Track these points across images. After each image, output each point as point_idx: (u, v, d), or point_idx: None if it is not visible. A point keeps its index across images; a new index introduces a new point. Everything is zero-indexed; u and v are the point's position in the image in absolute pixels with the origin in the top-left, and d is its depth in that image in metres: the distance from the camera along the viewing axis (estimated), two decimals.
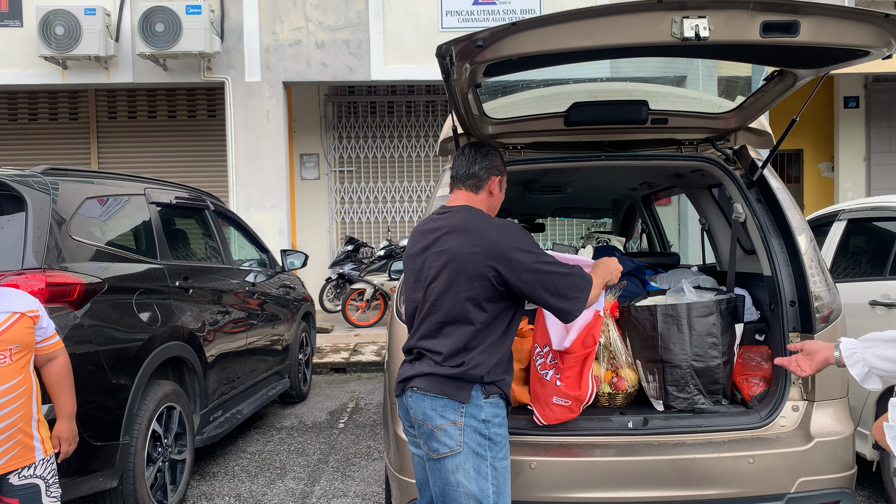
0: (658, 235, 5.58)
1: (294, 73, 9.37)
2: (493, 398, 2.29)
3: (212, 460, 4.72)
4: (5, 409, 2.42)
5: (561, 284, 2.27)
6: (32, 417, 2.52)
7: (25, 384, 2.50)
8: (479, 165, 2.45)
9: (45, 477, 2.54)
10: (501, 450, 2.28)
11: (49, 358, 2.64)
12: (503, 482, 2.26)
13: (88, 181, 3.75)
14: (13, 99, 10.99)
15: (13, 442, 2.45)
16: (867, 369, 1.97)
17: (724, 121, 3.28)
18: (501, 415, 2.31)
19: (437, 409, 2.25)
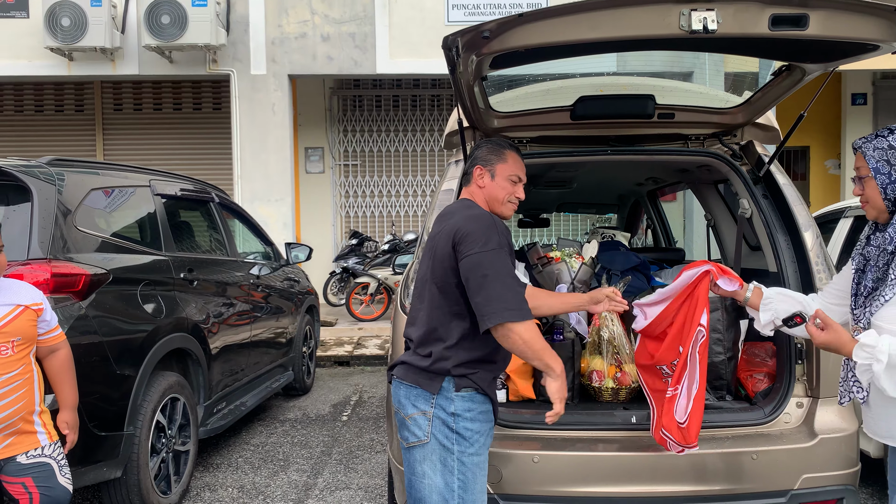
0: (663, 231, 5.57)
1: (300, 66, 9.36)
2: (465, 391, 2.22)
3: (215, 452, 4.74)
4: (8, 397, 2.44)
5: (490, 289, 2.11)
6: (35, 407, 2.54)
7: (27, 374, 2.52)
8: (469, 159, 2.45)
9: (55, 458, 2.56)
10: (472, 445, 2.22)
11: (51, 350, 2.66)
12: (472, 478, 2.21)
13: (94, 172, 3.75)
14: (19, 90, 11.00)
15: (13, 430, 2.48)
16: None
17: (730, 116, 3.26)
18: (476, 409, 2.24)
19: (410, 398, 2.25)
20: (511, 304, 2.10)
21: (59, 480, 2.55)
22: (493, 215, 2.28)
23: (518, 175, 2.38)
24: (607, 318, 3.11)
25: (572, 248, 3.50)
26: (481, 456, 2.24)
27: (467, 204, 2.33)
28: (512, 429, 2.81)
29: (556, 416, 2.21)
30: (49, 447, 2.57)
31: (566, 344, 3.05)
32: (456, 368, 2.21)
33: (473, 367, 2.23)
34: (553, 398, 2.19)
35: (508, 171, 2.36)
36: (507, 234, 2.25)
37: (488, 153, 2.39)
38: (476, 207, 2.30)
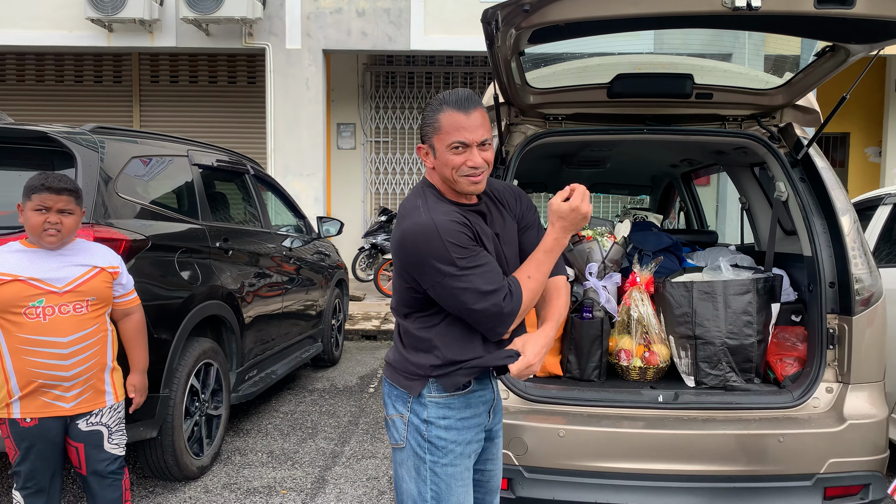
0: (696, 214, 5.52)
1: (334, 41, 9.38)
2: (439, 397, 1.97)
3: (246, 418, 4.85)
4: (81, 355, 2.57)
5: (472, 315, 1.90)
6: (106, 365, 2.67)
7: (100, 333, 2.65)
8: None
9: (108, 425, 2.68)
10: (446, 455, 1.98)
11: (126, 313, 2.80)
12: (446, 489, 1.98)
13: (134, 141, 3.83)
14: (60, 61, 11.20)
15: (87, 386, 2.61)
16: None
17: (770, 97, 3.22)
18: (454, 417, 1.98)
19: (392, 397, 2.06)
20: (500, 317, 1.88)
21: (105, 447, 2.67)
22: (435, 228, 1.85)
23: (459, 140, 1.85)
24: (637, 297, 3.12)
25: (605, 227, 3.50)
26: (457, 466, 1.99)
27: (413, 203, 1.93)
28: (538, 403, 2.85)
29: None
30: (108, 412, 2.68)
31: (595, 322, 3.06)
32: (432, 369, 1.96)
33: (448, 368, 1.95)
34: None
35: (447, 140, 1.87)
36: (451, 233, 1.84)
37: (424, 125, 1.94)
38: (414, 212, 1.91)
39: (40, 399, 2.53)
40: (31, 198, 2.52)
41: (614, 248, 3.28)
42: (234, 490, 3.69)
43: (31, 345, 2.50)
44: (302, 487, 3.73)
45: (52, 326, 2.51)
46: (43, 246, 2.56)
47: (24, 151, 3.37)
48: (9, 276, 2.49)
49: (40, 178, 2.55)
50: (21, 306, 2.48)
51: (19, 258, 2.54)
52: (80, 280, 2.59)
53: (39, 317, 2.50)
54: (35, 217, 2.51)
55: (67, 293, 2.55)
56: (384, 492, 3.69)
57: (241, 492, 3.67)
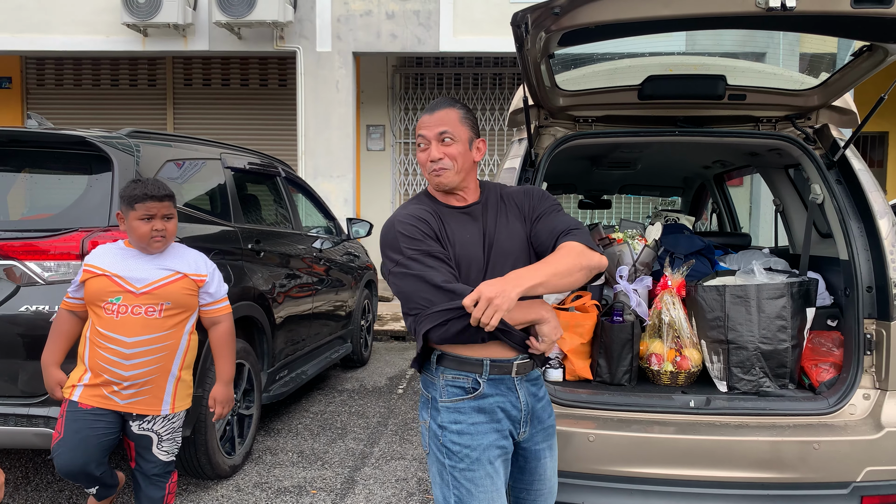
0: (729, 216, 5.44)
1: (364, 43, 9.44)
2: (453, 402, 1.97)
3: (276, 418, 4.91)
4: (142, 358, 2.61)
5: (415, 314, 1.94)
6: (170, 373, 2.69)
7: (171, 340, 2.67)
8: None
9: (159, 432, 2.71)
10: (462, 460, 1.95)
11: (213, 322, 2.82)
12: (467, 495, 1.94)
13: (169, 144, 3.90)
14: (97, 65, 11.44)
15: (143, 389, 2.64)
16: None
17: (805, 98, 3.17)
18: (465, 422, 1.96)
19: (421, 403, 2.09)
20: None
21: (154, 451, 2.72)
22: (393, 221, 1.99)
23: (420, 135, 2.02)
24: (669, 301, 3.09)
25: (635, 229, 3.47)
26: (475, 472, 1.95)
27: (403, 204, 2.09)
28: (568, 407, 2.83)
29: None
30: (161, 420, 2.70)
31: (625, 326, 3.04)
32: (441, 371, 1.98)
33: (458, 369, 1.97)
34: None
35: (418, 141, 2.05)
36: (404, 225, 1.94)
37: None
38: (400, 209, 2.05)
39: (101, 390, 2.62)
40: (134, 207, 2.60)
41: (645, 250, 3.25)
42: (266, 489, 3.73)
43: (102, 338, 2.61)
44: (332, 488, 3.76)
45: (120, 325, 2.59)
46: (148, 251, 2.65)
47: (64, 155, 3.46)
48: (99, 270, 2.62)
49: (140, 186, 2.62)
50: (103, 300, 2.60)
51: (115, 255, 2.66)
52: (158, 284, 2.63)
53: (114, 314, 2.60)
54: (142, 226, 2.60)
55: (143, 295, 2.61)
56: (413, 493, 3.70)
57: (271, 491, 3.71)
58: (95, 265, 2.64)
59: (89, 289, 2.63)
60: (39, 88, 11.59)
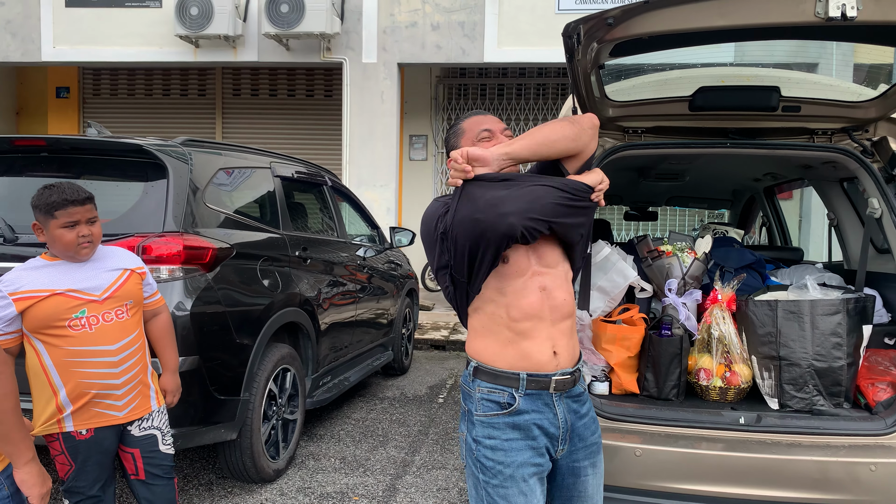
0: (780, 229, 5.33)
1: (409, 54, 9.53)
2: (487, 417, 1.93)
3: (319, 423, 4.96)
4: (129, 361, 2.53)
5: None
6: (147, 368, 2.65)
7: (142, 338, 2.62)
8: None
9: (160, 427, 2.67)
10: (495, 476, 1.91)
11: (154, 313, 2.75)
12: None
13: (221, 153, 3.99)
14: (150, 75, 11.78)
15: (136, 392, 2.57)
16: None
17: (863, 110, 3.09)
18: (498, 437, 1.91)
19: (461, 413, 2.07)
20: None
21: (161, 448, 2.67)
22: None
23: (484, 127, 2.06)
24: (719, 315, 3.04)
25: (685, 242, 3.42)
26: (508, 489, 1.90)
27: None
28: (614, 421, 2.80)
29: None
30: (157, 415, 2.67)
31: (674, 340, 2.99)
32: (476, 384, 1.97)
33: (493, 382, 1.94)
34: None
35: (471, 135, 2.08)
36: (427, 221, 2.06)
37: (449, 140, 2.16)
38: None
39: (93, 410, 2.48)
40: (54, 215, 2.39)
41: (695, 264, 3.20)
42: (308, 494, 3.77)
43: (80, 356, 2.44)
44: (374, 495, 3.78)
45: (99, 336, 2.46)
46: (76, 259, 2.48)
47: (121, 163, 3.56)
48: (46, 292, 2.39)
49: (56, 192, 2.40)
50: (64, 319, 2.40)
51: (48, 272, 2.44)
52: (115, 285, 2.54)
53: (85, 327, 2.44)
54: (66, 234, 2.40)
55: (107, 300, 2.50)
56: (454, 503, 3.69)
57: (314, 496, 3.75)
58: (31, 289, 2.38)
59: (37, 314, 2.37)
60: (95, 98, 11.98)
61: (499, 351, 1.92)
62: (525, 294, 1.91)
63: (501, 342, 1.92)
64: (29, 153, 3.59)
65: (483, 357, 1.93)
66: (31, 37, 9.84)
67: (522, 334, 1.91)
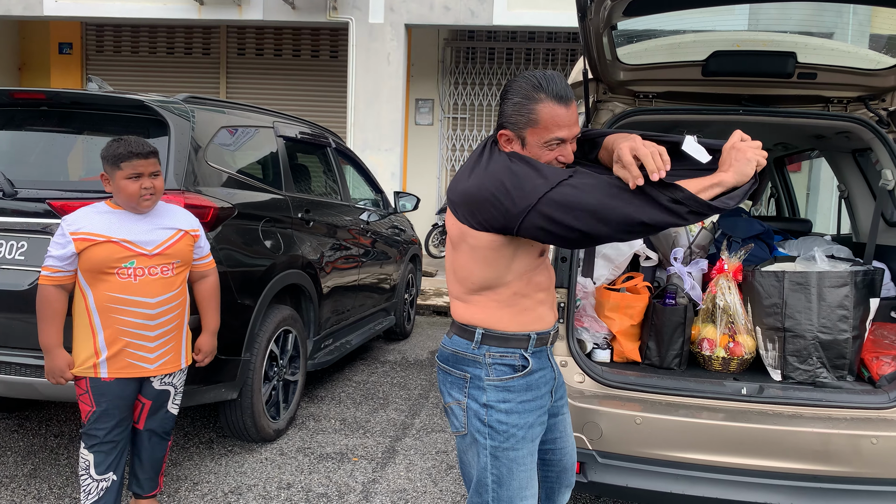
0: (789, 201, 5.27)
1: (417, 15, 9.36)
2: (502, 381, 1.93)
3: (320, 385, 4.98)
4: (165, 316, 2.66)
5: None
6: (183, 328, 2.76)
7: (182, 296, 2.73)
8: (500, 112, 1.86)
9: (176, 385, 2.78)
10: (508, 440, 1.92)
11: (202, 275, 2.87)
12: (507, 474, 1.93)
13: (223, 111, 3.93)
14: (153, 33, 11.62)
15: (170, 347, 2.70)
16: None
17: (881, 78, 3.01)
18: (514, 400, 1.93)
19: (446, 384, 2.04)
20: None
21: (168, 407, 2.78)
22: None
23: (558, 137, 1.75)
24: (724, 285, 3.00)
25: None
26: (519, 451, 1.94)
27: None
28: (615, 389, 2.79)
29: None
30: (180, 373, 2.79)
31: (678, 309, 2.97)
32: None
33: (504, 346, 1.93)
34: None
35: (545, 136, 1.76)
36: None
37: (514, 112, 1.78)
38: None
39: (125, 360, 2.60)
40: (120, 167, 2.53)
41: (702, 233, 3.16)
42: (308, 454, 3.79)
43: (120, 303, 2.57)
44: (373, 456, 3.80)
45: (141, 287, 2.59)
46: (138, 210, 2.62)
47: (122, 118, 3.51)
48: (102, 237, 2.53)
49: (123, 145, 2.54)
50: (114, 266, 2.54)
51: (109, 219, 2.58)
52: (168, 243, 2.65)
53: (130, 277, 2.57)
54: (130, 185, 2.55)
55: (157, 255, 2.62)
56: (453, 466, 3.71)
57: (314, 456, 3.77)
58: (91, 232, 2.53)
59: (92, 257, 2.52)
60: (98, 54, 11.84)
61: (512, 317, 1.93)
62: (541, 270, 1.99)
63: (517, 311, 1.93)
64: (29, 107, 3.53)
65: (490, 324, 1.93)
66: None
67: (539, 302, 1.98)
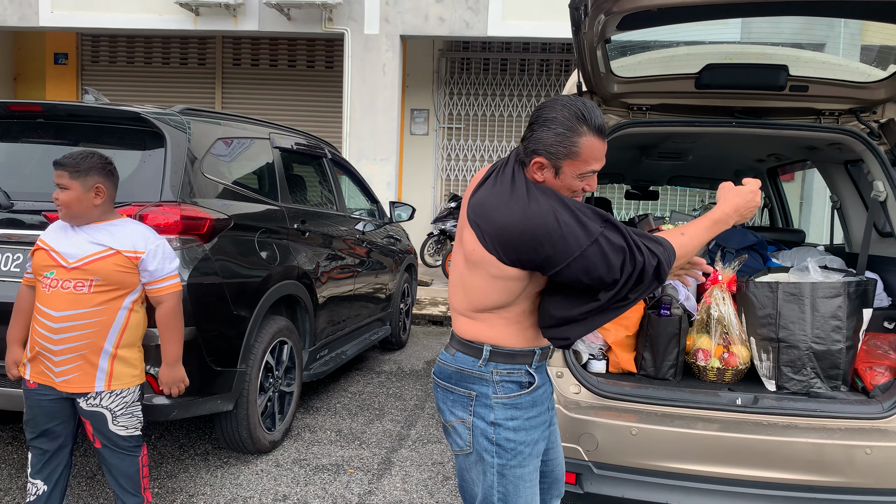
0: (782, 211, 5.30)
1: (412, 26, 9.40)
2: (510, 398, 1.94)
3: (316, 396, 4.97)
4: (68, 333, 2.55)
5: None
6: (103, 350, 2.60)
7: (102, 317, 2.58)
8: (528, 135, 1.84)
9: (111, 408, 2.62)
10: (515, 457, 1.93)
11: (157, 301, 2.71)
12: (514, 491, 1.94)
13: (220, 122, 3.94)
14: (149, 43, 11.64)
15: (74, 366, 2.57)
16: None
17: (871, 91, 3.05)
18: (521, 417, 1.94)
19: (448, 402, 2.03)
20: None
21: (110, 428, 2.63)
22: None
23: (594, 169, 1.80)
24: (718, 296, 3.02)
25: (685, 221, 3.39)
26: (525, 468, 1.96)
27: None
28: (611, 399, 2.80)
29: None
30: (109, 397, 2.62)
31: (672, 320, 2.99)
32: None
33: (510, 363, 1.95)
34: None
35: (581, 168, 1.79)
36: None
37: (556, 142, 1.76)
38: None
39: (39, 366, 2.62)
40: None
41: None
42: (304, 466, 3.78)
43: (37, 312, 2.61)
44: (369, 467, 3.79)
45: (50, 298, 2.56)
46: (69, 221, 2.63)
47: (118, 131, 3.52)
48: (43, 245, 2.62)
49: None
50: (40, 273, 2.60)
51: (58, 229, 2.65)
52: (88, 259, 2.55)
53: (46, 287, 2.57)
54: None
55: (74, 269, 2.54)
56: (449, 477, 3.71)
57: (310, 468, 3.76)
58: (42, 239, 2.64)
59: (33, 262, 2.63)
60: (94, 65, 11.85)
61: (519, 333, 1.95)
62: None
63: (523, 327, 1.95)
64: (25, 118, 3.54)
65: (498, 340, 1.94)
66: (29, 1, 9.70)
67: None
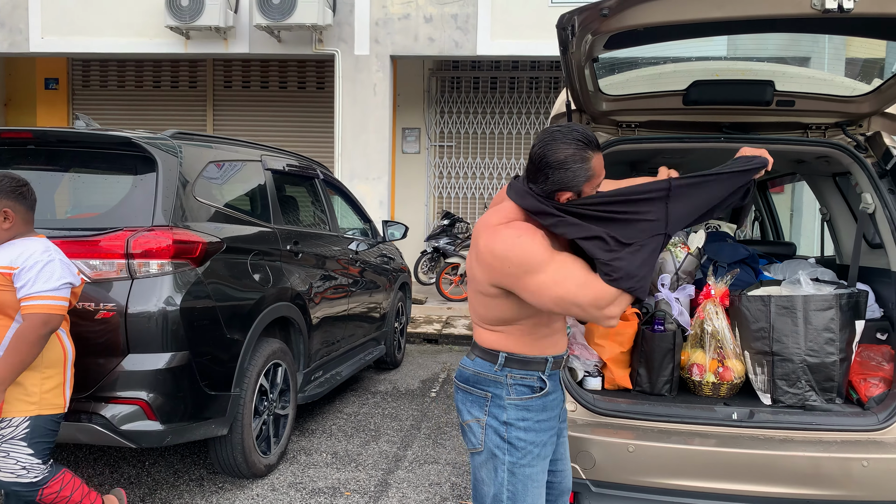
0: (773, 224, 5.33)
1: (402, 47, 9.47)
2: (522, 400, 2.06)
3: (311, 418, 4.94)
4: None
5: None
6: None
7: None
8: (538, 174, 1.98)
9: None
10: (525, 456, 2.04)
11: (21, 318, 2.58)
12: (522, 490, 2.05)
13: (211, 146, 3.95)
14: (140, 67, 11.67)
15: None
16: None
17: (856, 105, 3.09)
18: (531, 419, 2.06)
19: (466, 403, 2.15)
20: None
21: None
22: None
23: (602, 176, 2.02)
24: (712, 310, 3.03)
25: (678, 237, 3.41)
26: (534, 467, 2.07)
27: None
28: (607, 417, 2.79)
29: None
30: None
31: (666, 335, 2.99)
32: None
33: (524, 369, 2.07)
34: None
35: (595, 182, 1.99)
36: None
37: (575, 176, 1.93)
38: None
39: None
40: None
41: (688, 258, 3.19)
42: (300, 489, 3.75)
43: None
44: (365, 490, 3.76)
45: None
46: None
47: (110, 156, 3.52)
48: None
49: None
50: None
51: None
52: None
53: None
54: None
55: None
56: (447, 498, 3.68)
57: (306, 491, 3.73)
58: None
59: None
60: (85, 89, 11.86)
61: (532, 343, 2.06)
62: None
63: (536, 338, 2.07)
64: (16, 146, 3.54)
65: (513, 349, 2.06)
66: (19, 27, 9.73)
67: (555, 330, 2.12)
